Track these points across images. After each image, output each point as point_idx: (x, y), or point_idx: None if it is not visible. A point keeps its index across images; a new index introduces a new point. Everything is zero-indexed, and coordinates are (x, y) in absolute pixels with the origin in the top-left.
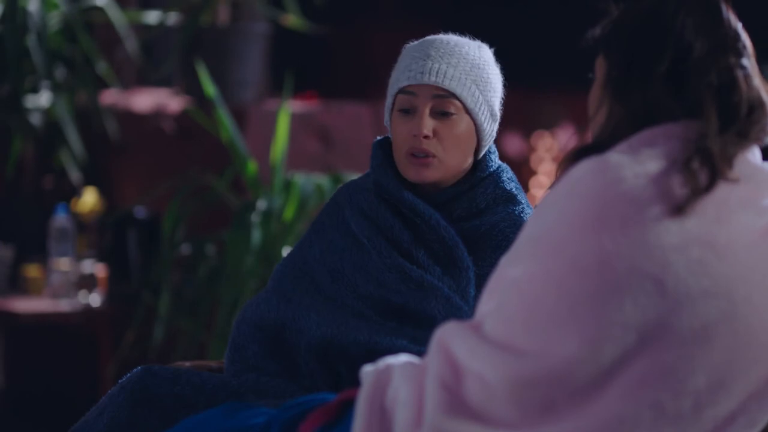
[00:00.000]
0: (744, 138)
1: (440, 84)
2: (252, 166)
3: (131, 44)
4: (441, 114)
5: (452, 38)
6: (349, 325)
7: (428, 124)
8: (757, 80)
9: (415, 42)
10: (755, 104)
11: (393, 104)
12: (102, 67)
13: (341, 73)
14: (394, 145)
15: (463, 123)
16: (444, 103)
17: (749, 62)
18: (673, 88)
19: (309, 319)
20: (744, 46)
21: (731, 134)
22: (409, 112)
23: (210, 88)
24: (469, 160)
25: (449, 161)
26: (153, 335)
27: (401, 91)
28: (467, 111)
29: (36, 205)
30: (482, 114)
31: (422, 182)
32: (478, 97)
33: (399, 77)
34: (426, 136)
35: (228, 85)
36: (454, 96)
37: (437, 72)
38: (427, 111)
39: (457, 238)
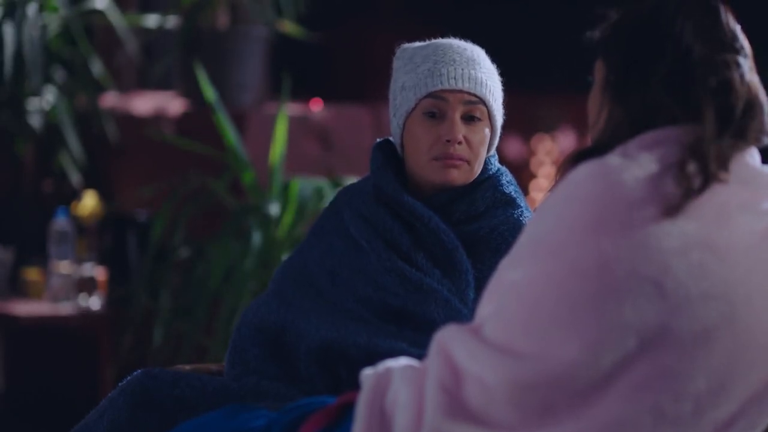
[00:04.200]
0: (741, 139)
1: (473, 90)
2: (251, 171)
3: (131, 47)
4: (469, 119)
5: (461, 43)
6: (349, 329)
7: (461, 130)
8: (755, 82)
9: (418, 45)
10: (753, 105)
11: (413, 108)
12: (99, 69)
13: (340, 75)
14: (414, 149)
15: (486, 128)
16: (473, 108)
17: (748, 64)
18: (672, 90)
19: (309, 322)
20: (742, 48)
21: (728, 136)
22: (435, 116)
23: (209, 91)
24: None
25: (474, 166)
26: (153, 338)
27: (430, 95)
28: (489, 117)
29: (36, 207)
30: (499, 120)
31: (450, 184)
32: (498, 102)
33: (424, 81)
34: (460, 142)
35: (227, 89)
36: (482, 102)
37: (469, 78)
38: (458, 116)
39: (457, 241)
